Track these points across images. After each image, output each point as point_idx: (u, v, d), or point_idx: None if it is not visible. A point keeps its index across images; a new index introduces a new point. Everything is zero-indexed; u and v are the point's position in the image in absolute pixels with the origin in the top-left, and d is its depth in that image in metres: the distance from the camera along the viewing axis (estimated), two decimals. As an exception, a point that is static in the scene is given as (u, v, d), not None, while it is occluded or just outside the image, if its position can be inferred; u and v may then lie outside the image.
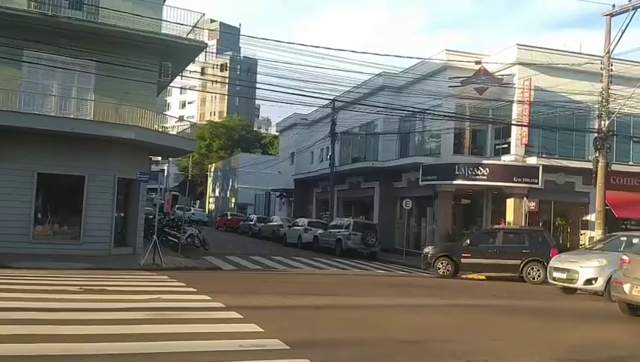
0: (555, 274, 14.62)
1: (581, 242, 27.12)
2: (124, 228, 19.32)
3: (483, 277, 18.74)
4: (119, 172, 18.37)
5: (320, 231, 28.66)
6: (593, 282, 13.58)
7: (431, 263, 19.15)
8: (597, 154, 20.63)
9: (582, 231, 27.06)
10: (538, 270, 17.82)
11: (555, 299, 14.35)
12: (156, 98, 21.72)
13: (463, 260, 18.66)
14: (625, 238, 14.75)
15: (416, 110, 26.15)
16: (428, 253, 19.93)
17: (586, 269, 13.76)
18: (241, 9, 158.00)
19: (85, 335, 6.55)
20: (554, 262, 14.99)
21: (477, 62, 26.09)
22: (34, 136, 16.88)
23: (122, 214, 19.23)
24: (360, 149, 35.87)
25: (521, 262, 18.03)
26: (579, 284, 13.91)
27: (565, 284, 14.43)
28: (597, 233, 20.70)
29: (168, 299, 9.83)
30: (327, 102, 29.21)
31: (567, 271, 14.23)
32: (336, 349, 6.82)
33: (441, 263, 18.88)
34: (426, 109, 25.50)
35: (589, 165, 21.70)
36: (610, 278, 12.64)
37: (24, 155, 17.12)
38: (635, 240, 13.96)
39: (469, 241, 19.17)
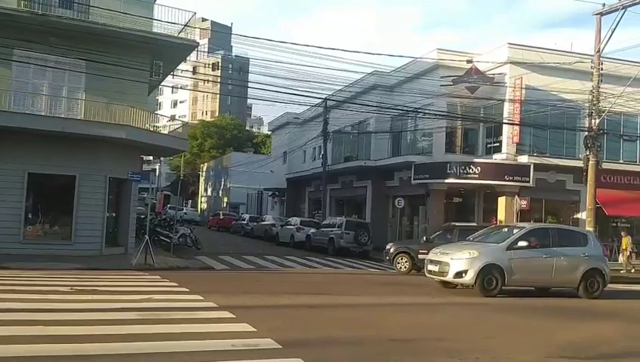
0: (430, 267, 13.70)
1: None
2: (115, 228, 19.22)
3: None
4: (111, 171, 18.27)
5: (312, 230, 28.63)
6: (463, 275, 12.81)
7: (391, 259, 19.51)
8: (587, 153, 20.76)
9: (573, 229, 27.23)
10: None
11: (546, 296, 14.41)
12: (147, 97, 21.62)
13: (419, 256, 18.61)
14: (506, 229, 14.65)
15: (408, 109, 26.21)
16: (389, 249, 20.19)
17: (456, 261, 12.98)
18: (232, 8, 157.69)
19: (76, 336, 6.51)
20: (431, 255, 14.05)
21: (468, 62, 26.17)
22: (24, 135, 16.74)
23: (114, 214, 19.13)
24: (352, 148, 35.90)
25: None
26: (449, 277, 13.09)
27: (437, 277, 13.57)
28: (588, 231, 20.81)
29: (160, 299, 9.80)
30: (320, 101, 29.19)
31: (439, 263, 13.35)
32: (329, 348, 6.83)
33: (400, 259, 19.29)
34: (418, 108, 25.55)
35: (580, 163, 21.84)
36: (481, 270, 12.61)
37: (14, 155, 16.98)
38: (515, 231, 13.84)
39: (425, 238, 19.56)
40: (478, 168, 25.32)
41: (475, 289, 12.77)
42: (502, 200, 25.33)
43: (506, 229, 14.72)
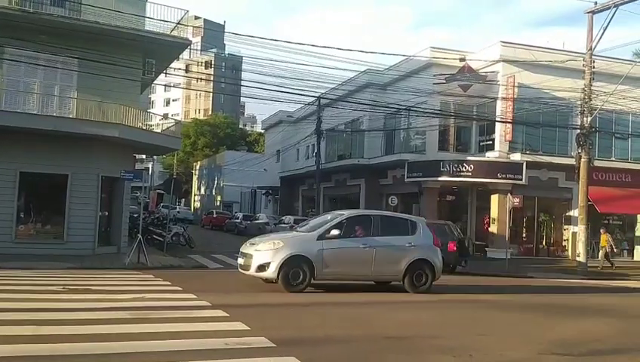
0: (239, 261, 12.16)
1: (564, 237, 27.50)
2: (108, 227, 19.16)
3: None
4: (103, 170, 18.21)
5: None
6: (266, 268, 11.35)
7: None
8: (580, 151, 20.86)
9: (565, 227, 27.39)
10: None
11: (539, 294, 14.50)
12: (140, 95, 21.55)
13: None
14: (329, 216, 13.20)
15: (401, 107, 26.23)
16: None
17: (260, 253, 11.58)
18: (225, 6, 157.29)
19: (69, 335, 6.49)
20: (242, 247, 12.45)
21: (461, 60, 26.24)
22: (16, 134, 16.67)
23: (106, 213, 19.07)
24: (346, 146, 35.90)
25: None
26: (252, 271, 11.59)
27: (244, 272, 11.90)
28: (580, 228, 20.94)
29: (153, 298, 9.78)
30: (313, 99, 29.17)
31: (245, 255, 11.88)
32: (324, 346, 6.83)
33: None
34: (411, 106, 25.59)
35: (572, 161, 21.95)
36: (284, 262, 11.25)
37: (6, 154, 16.89)
38: (334, 218, 12.57)
39: None
40: (471, 166, 25.39)
41: (279, 284, 11.37)
42: (495, 198, 25.42)
43: (329, 216, 13.19)
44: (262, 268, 11.41)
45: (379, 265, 12.13)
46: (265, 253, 11.52)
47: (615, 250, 24.72)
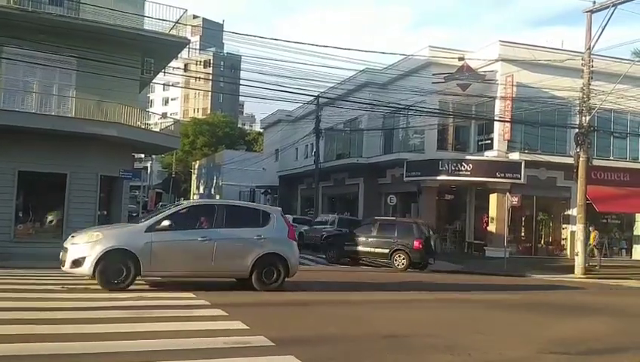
0: (61, 256, 10.61)
1: (563, 236, 27.52)
2: (107, 227, 19.11)
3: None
4: (102, 169, 18.21)
5: (305, 227, 28.62)
6: (81, 263, 10.08)
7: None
8: (578, 150, 20.88)
9: (564, 226, 27.43)
10: (402, 258, 19.03)
11: (537, 293, 14.52)
12: (139, 95, 21.54)
13: (345, 247, 20.07)
14: (173, 207, 12.11)
15: (400, 106, 26.25)
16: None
17: (75, 247, 10.34)
18: (224, 5, 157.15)
19: (67, 334, 6.48)
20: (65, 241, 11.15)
21: (460, 59, 26.25)
22: (15, 133, 16.64)
23: (105, 212, 19.05)
24: (344, 146, 35.90)
25: (390, 251, 19.22)
26: (67, 267, 10.32)
27: (62, 267, 10.53)
28: (578, 227, 20.97)
29: (152, 296, 9.77)
30: (312, 98, 29.17)
31: (65, 249, 10.56)
32: (322, 345, 6.84)
33: (329, 250, 20.71)
34: (410, 106, 25.61)
35: (571, 160, 21.96)
36: (102, 257, 10.01)
37: (5, 153, 16.87)
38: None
39: (352, 231, 20.67)
40: (470, 165, 25.41)
41: (97, 280, 10.17)
42: (493, 197, 25.44)
43: (173, 207, 12.16)
44: (77, 263, 10.13)
45: (220, 259, 10.83)
46: (81, 247, 10.25)
47: (602, 249, 24.58)
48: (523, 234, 27.25)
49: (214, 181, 58.73)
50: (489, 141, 26.73)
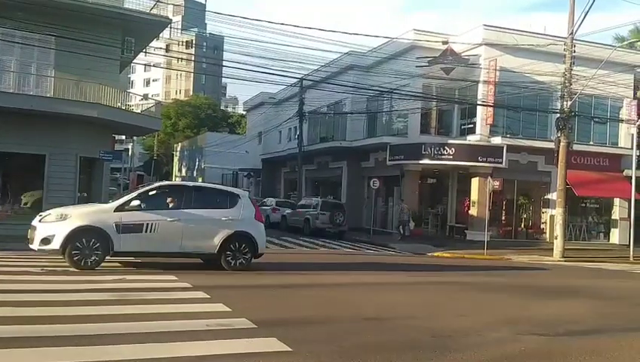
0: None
1: (542, 220, 27.89)
2: (87, 209, 18.90)
3: None
4: (81, 151, 17.96)
5: (288, 210, 28.66)
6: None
7: None
8: (559, 135, 21.09)
9: (543, 210, 27.78)
10: None
11: (517, 275, 14.72)
12: (119, 75, 21.23)
13: None
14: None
15: (384, 90, 26.20)
16: None
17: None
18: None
19: (48, 316, 6.42)
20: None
21: (444, 43, 26.24)
22: (-9, 113, 16.33)
23: (85, 194, 18.83)
24: (328, 129, 35.85)
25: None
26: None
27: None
28: (558, 211, 21.24)
29: (133, 279, 9.71)
30: (296, 81, 28.99)
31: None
32: (304, 327, 6.86)
33: None
34: (394, 89, 25.58)
35: (551, 145, 22.18)
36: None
37: (-19, 134, 16.56)
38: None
39: None
40: (452, 149, 25.54)
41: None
42: (475, 181, 25.64)
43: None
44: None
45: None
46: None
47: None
48: (504, 217, 27.55)
49: (197, 163, 58.37)
50: (472, 125, 26.86)
